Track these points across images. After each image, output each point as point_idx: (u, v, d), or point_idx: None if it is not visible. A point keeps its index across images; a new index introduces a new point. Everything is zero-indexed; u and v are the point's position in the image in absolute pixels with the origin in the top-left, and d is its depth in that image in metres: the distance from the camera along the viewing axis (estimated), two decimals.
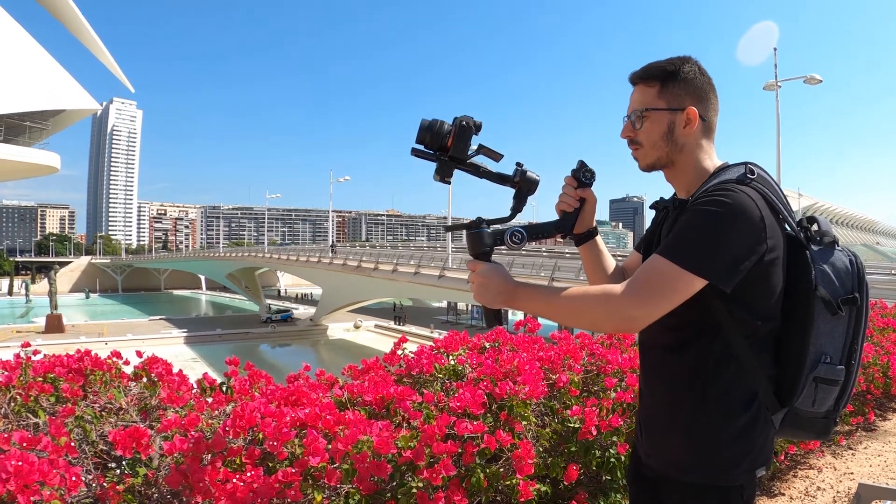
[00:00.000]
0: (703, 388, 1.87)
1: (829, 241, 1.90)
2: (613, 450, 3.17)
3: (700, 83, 1.97)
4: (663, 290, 1.75)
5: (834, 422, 1.99)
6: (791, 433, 2.01)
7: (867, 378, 6.34)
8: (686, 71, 1.96)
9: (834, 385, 1.88)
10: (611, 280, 2.29)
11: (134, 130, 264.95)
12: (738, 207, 1.73)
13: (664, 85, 1.96)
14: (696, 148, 1.98)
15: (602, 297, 1.81)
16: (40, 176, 61.31)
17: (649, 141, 2.00)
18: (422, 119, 1.95)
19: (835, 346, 1.88)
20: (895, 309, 8.83)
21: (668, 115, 1.96)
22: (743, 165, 1.90)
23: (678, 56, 2.00)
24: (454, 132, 1.91)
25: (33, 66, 55.55)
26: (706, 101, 1.98)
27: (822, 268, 1.85)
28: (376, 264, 53.75)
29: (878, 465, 5.67)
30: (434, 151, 1.94)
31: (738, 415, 1.87)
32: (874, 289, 22.90)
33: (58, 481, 1.99)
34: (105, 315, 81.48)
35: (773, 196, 1.83)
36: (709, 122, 2.00)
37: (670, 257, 1.75)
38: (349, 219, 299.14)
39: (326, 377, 3.41)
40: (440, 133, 1.92)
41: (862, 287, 1.89)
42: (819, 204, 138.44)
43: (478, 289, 1.98)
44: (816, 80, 30.40)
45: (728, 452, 1.87)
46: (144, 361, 3.35)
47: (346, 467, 2.33)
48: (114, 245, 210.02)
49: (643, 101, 1.99)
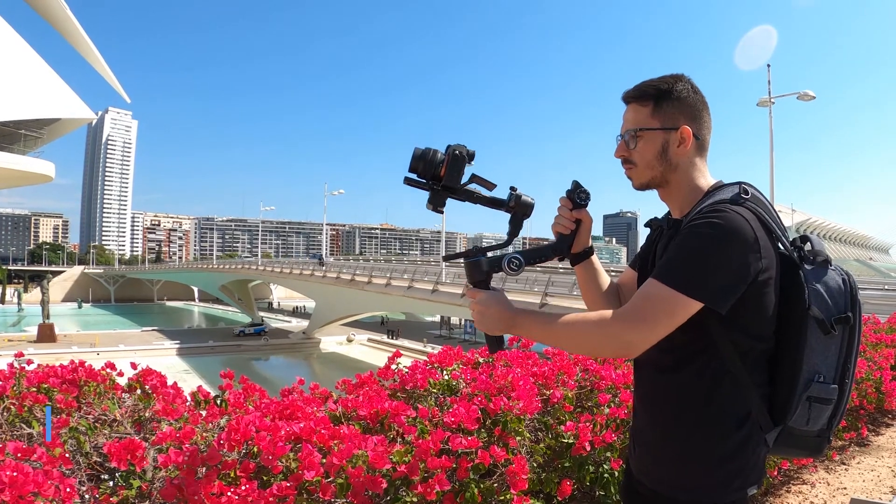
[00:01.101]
0: (697, 408, 1.87)
1: (821, 260, 1.91)
2: (607, 465, 3.17)
3: (693, 102, 1.98)
4: (659, 315, 1.76)
5: (827, 440, 1.98)
6: (785, 451, 2.01)
7: (860, 393, 6.35)
8: (679, 90, 1.96)
9: (827, 404, 1.89)
10: (606, 298, 2.30)
11: (129, 140, 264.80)
12: (732, 228, 1.73)
13: (658, 104, 1.97)
14: (689, 167, 1.99)
15: (599, 324, 1.83)
16: (34, 184, 61.23)
17: (643, 160, 2.00)
18: (415, 147, 1.96)
19: (828, 364, 1.88)
20: (888, 324, 8.86)
21: (662, 135, 1.96)
22: (737, 185, 1.91)
23: (671, 74, 2.00)
24: (447, 161, 1.91)
25: (29, 74, 55.61)
26: (700, 120, 1.98)
27: (815, 287, 1.86)
28: (370, 278, 53.79)
29: (871, 479, 5.66)
30: (427, 180, 1.94)
31: (731, 434, 1.87)
32: (867, 304, 23.05)
33: (52, 492, 1.98)
34: (97, 325, 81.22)
35: (766, 215, 1.84)
36: (702, 140, 2.00)
37: (665, 281, 1.76)
38: (343, 232, 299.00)
39: (321, 391, 3.41)
40: (433, 162, 1.92)
41: (855, 306, 1.90)
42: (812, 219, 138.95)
43: (478, 317, 2.00)
44: (809, 96, 30.57)
45: (721, 471, 1.88)
46: (139, 373, 3.34)
47: (341, 482, 2.33)
48: (107, 255, 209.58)
49: (637, 120, 2.00)
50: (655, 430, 1.97)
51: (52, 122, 58.99)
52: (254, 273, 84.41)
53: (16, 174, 53.38)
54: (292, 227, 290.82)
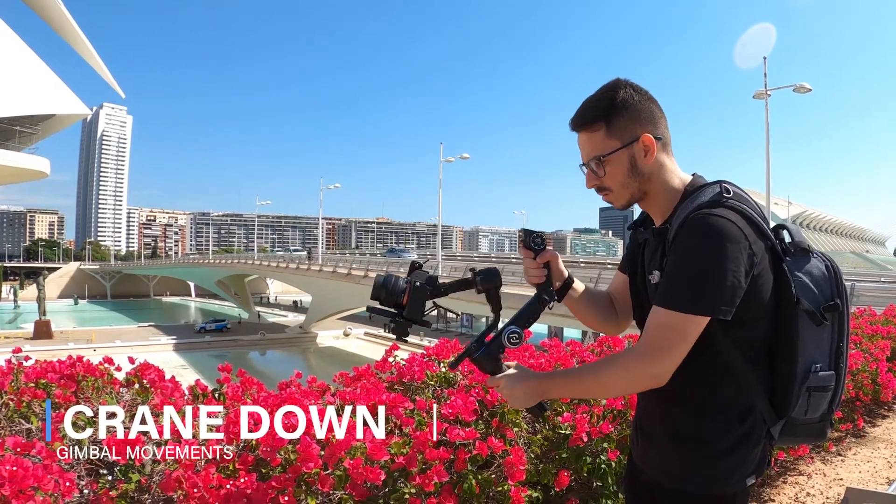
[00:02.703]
0: (700, 402, 1.89)
1: (802, 249, 1.92)
2: (604, 456, 3.18)
3: (641, 104, 1.94)
4: (675, 341, 1.78)
5: (829, 423, 2.01)
6: (790, 441, 2.04)
7: (856, 385, 6.36)
8: (625, 98, 1.93)
9: (826, 391, 1.92)
10: (604, 314, 2.31)
11: (124, 136, 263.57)
12: (723, 235, 1.74)
13: (609, 123, 1.93)
14: (661, 171, 1.97)
15: (624, 367, 1.86)
16: (30, 181, 61.12)
17: (616, 183, 1.98)
18: (377, 275, 1.98)
19: (822, 352, 1.90)
20: (884, 316, 8.88)
21: (626, 151, 1.93)
22: (717, 185, 1.90)
23: (607, 85, 1.97)
24: (408, 291, 1.90)
25: (23, 70, 55.42)
26: (654, 120, 1.96)
27: (800, 278, 1.87)
28: (366, 271, 53.70)
29: (868, 470, 5.68)
30: (390, 308, 1.94)
31: (734, 428, 1.89)
32: (864, 296, 23.12)
33: (52, 487, 2.00)
34: (94, 321, 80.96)
35: (751, 211, 1.84)
36: (664, 138, 1.97)
37: (672, 307, 1.78)
38: (339, 226, 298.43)
39: (318, 384, 3.41)
40: (394, 291, 1.91)
41: (841, 291, 1.92)
42: (809, 212, 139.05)
43: (509, 399, 2.01)
44: (806, 88, 30.55)
45: (724, 464, 1.89)
46: (137, 368, 3.35)
47: (340, 473, 2.34)
48: (103, 251, 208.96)
49: (595, 146, 1.96)
50: (659, 424, 1.98)
51: (46, 118, 58.84)
52: (250, 268, 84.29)
53: (11, 171, 53.30)
54: (288, 221, 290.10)
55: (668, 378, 1.82)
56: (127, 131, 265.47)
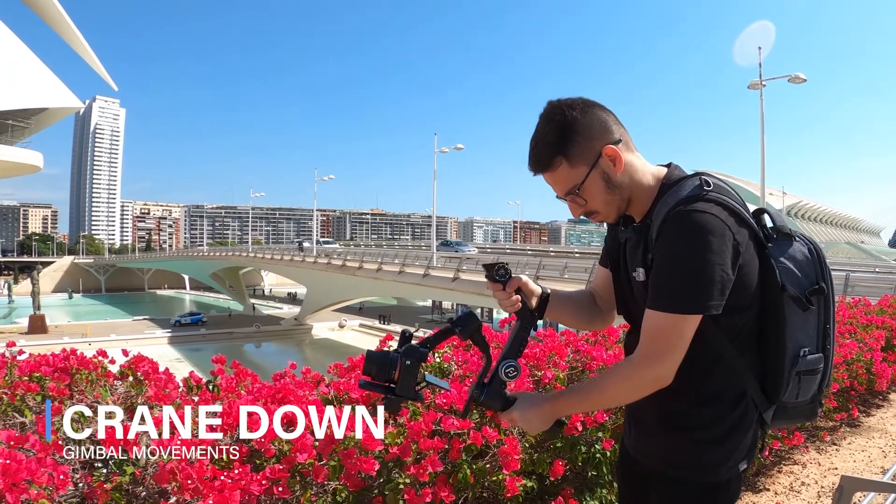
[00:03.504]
0: (692, 391, 1.90)
1: (784, 234, 1.92)
2: (599, 445, 3.19)
3: (586, 118, 1.90)
4: (673, 342, 1.79)
5: (819, 403, 2.03)
6: (783, 423, 2.07)
7: (851, 374, 6.39)
8: (569, 122, 1.88)
9: (815, 374, 1.93)
10: (588, 315, 2.30)
11: (117, 129, 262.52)
12: (706, 230, 1.74)
13: (567, 153, 1.89)
14: (633, 174, 1.95)
15: (629, 376, 1.87)
16: (23, 175, 60.96)
17: (600, 203, 1.96)
18: (367, 351, 1.98)
19: (810, 336, 1.92)
20: (879, 306, 8.92)
21: (596, 171, 1.90)
22: (696, 178, 1.89)
23: (546, 115, 1.92)
24: (399, 368, 1.89)
25: (15, 63, 55.28)
26: (605, 126, 1.92)
27: (784, 264, 1.87)
28: (361, 263, 53.72)
29: (862, 460, 5.71)
30: (382, 383, 1.92)
31: (726, 415, 1.91)
32: (859, 286, 23.21)
33: (46, 480, 1.99)
34: (88, 315, 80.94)
35: (731, 201, 1.84)
36: (624, 140, 1.94)
37: (665, 309, 1.78)
38: (333, 217, 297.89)
39: (313, 375, 3.41)
40: (385, 366, 1.89)
41: (825, 274, 1.93)
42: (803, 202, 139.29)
43: (526, 428, 2.02)
44: (801, 79, 30.56)
45: (717, 451, 1.91)
46: (130, 360, 3.34)
47: (334, 464, 2.34)
48: (97, 245, 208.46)
49: (565, 181, 1.94)
50: (652, 413, 1.98)
51: (39, 112, 58.79)
52: (244, 260, 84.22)
53: (4, 165, 53.24)
54: (283, 213, 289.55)
55: (672, 377, 1.83)
56: (120, 124, 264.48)
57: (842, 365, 6.20)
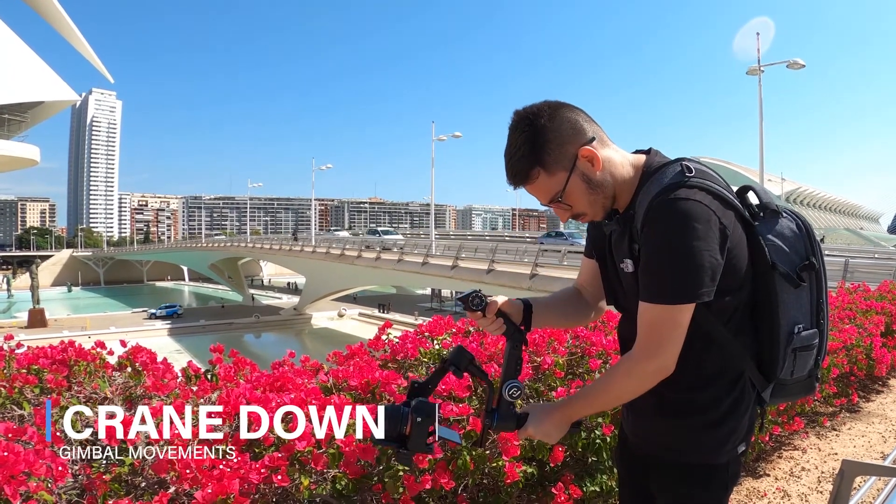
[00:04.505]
0: (688, 376, 1.89)
1: (771, 211, 1.92)
2: (599, 431, 3.19)
3: (557, 122, 1.87)
4: (670, 333, 1.79)
5: (816, 378, 2.04)
6: (782, 400, 2.08)
7: (851, 360, 6.41)
8: (539, 131, 1.85)
9: (811, 350, 1.94)
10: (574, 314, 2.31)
11: (114, 121, 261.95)
12: (691, 217, 1.73)
13: (543, 163, 1.87)
14: (613, 169, 1.93)
15: (630, 372, 1.87)
16: (20, 169, 60.89)
17: (585, 204, 1.94)
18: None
19: (803, 312, 1.92)
20: (878, 292, 8.94)
21: (575, 174, 1.89)
22: (677, 164, 1.88)
23: (516, 127, 1.89)
24: (411, 424, 1.88)
25: (10, 57, 55.17)
26: (576, 126, 1.89)
27: (772, 242, 1.87)
28: (360, 252, 53.66)
29: (862, 445, 5.73)
30: (394, 440, 1.91)
31: (724, 397, 1.91)
32: (858, 272, 23.24)
33: (44, 471, 1.99)
34: (88, 308, 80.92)
35: (715, 185, 1.82)
36: (598, 136, 1.92)
37: (659, 301, 1.79)
38: (332, 207, 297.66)
39: (311, 363, 3.41)
40: (397, 421, 1.88)
41: (815, 248, 1.93)
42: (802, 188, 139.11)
43: (545, 439, 2.04)
44: (799, 64, 30.49)
45: (715, 433, 1.92)
46: (128, 351, 3.34)
47: (333, 451, 2.34)
48: (95, 237, 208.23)
49: (547, 190, 1.92)
50: (649, 399, 1.97)
51: (35, 106, 58.69)
52: (243, 250, 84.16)
53: (1, 160, 53.11)
54: (281, 203, 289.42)
55: (673, 366, 1.83)
56: (117, 116, 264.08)
57: (841, 350, 6.22)
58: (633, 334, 1.90)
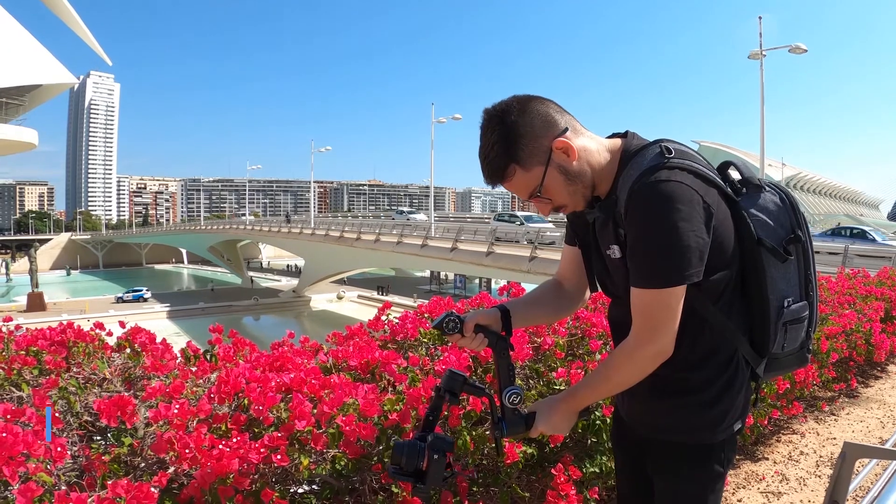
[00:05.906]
0: (682, 356, 1.88)
1: (754, 186, 1.91)
2: (599, 412, 3.18)
3: (527, 116, 1.85)
4: (664, 317, 1.79)
5: (808, 350, 2.04)
6: (775, 374, 2.08)
7: (850, 345, 6.42)
8: (511, 128, 1.84)
9: (801, 322, 1.94)
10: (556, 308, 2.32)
11: (112, 104, 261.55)
12: (674, 199, 1.71)
13: (518, 159, 1.86)
14: (589, 157, 1.91)
15: (630, 357, 1.87)
16: (18, 153, 60.79)
17: (564, 196, 1.93)
18: (395, 440, 2.06)
19: (792, 286, 1.92)
20: (878, 278, 8.98)
21: (552, 167, 1.87)
22: (656, 145, 1.86)
23: (487, 126, 1.87)
24: (427, 460, 1.85)
25: (7, 40, 55.01)
26: (549, 119, 1.87)
27: (757, 216, 1.87)
28: (359, 234, 53.73)
29: (861, 430, 5.76)
30: (410, 475, 1.89)
31: (718, 376, 1.91)
32: (857, 258, 23.31)
33: (43, 453, 1.98)
34: (86, 292, 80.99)
35: (695, 164, 1.81)
36: (571, 126, 1.90)
37: (650, 285, 1.78)
38: (331, 189, 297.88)
39: (311, 344, 3.41)
40: (413, 457, 1.85)
41: (800, 221, 1.93)
42: (803, 174, 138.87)
43: (555, 433, 2.13)
44: (801, 49, 30.39)
45: (711, 412, 1.92)
46: (128, 332, 3.33)
47: (333, 431, 2.33)
48: (94, 221, 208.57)
49: (525, 185, 1.90)
50: (644, 380, 1.96)
51: (33, 89, 58.59)
52: (241, 233, 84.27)
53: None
54: (280, 185, 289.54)
55: (671, 349, 1.83)
56: (115, 99, 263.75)
57: (841, 335, 6.23)
58: (624, 318, 1.91)
